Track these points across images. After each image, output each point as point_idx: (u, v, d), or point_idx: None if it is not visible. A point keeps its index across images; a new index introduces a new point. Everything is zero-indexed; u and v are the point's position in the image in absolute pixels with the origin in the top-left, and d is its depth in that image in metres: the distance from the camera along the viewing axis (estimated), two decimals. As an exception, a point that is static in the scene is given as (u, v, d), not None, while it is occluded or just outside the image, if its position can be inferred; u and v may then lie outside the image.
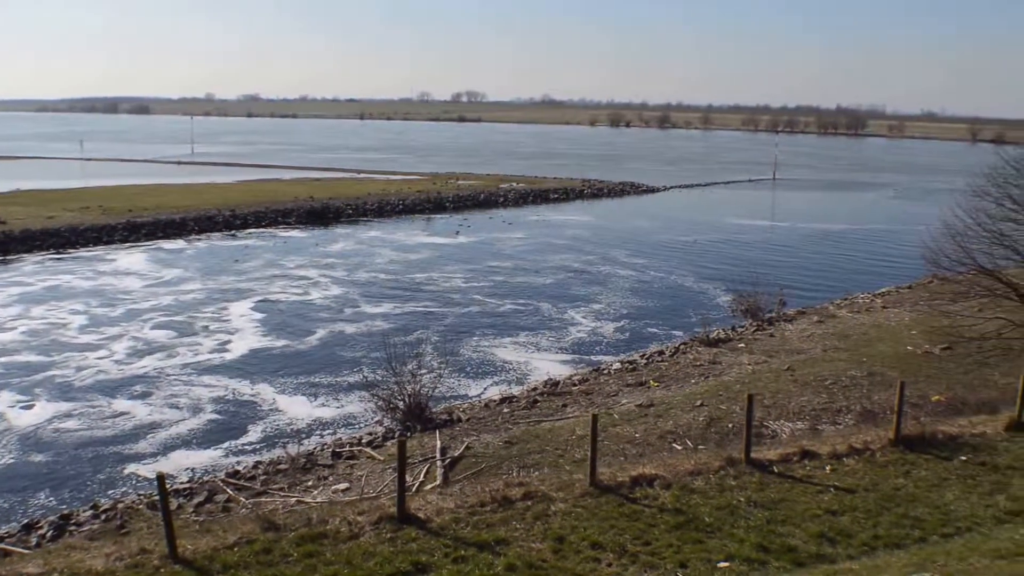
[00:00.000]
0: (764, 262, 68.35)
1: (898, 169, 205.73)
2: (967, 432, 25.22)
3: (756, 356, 40.71)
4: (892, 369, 36.96)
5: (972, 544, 17.82)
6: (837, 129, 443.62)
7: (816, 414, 31.31)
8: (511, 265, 66.88)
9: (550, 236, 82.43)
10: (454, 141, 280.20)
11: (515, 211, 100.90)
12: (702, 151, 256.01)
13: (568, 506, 19.34)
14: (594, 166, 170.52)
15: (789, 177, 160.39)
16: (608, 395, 35.18)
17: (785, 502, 20.01)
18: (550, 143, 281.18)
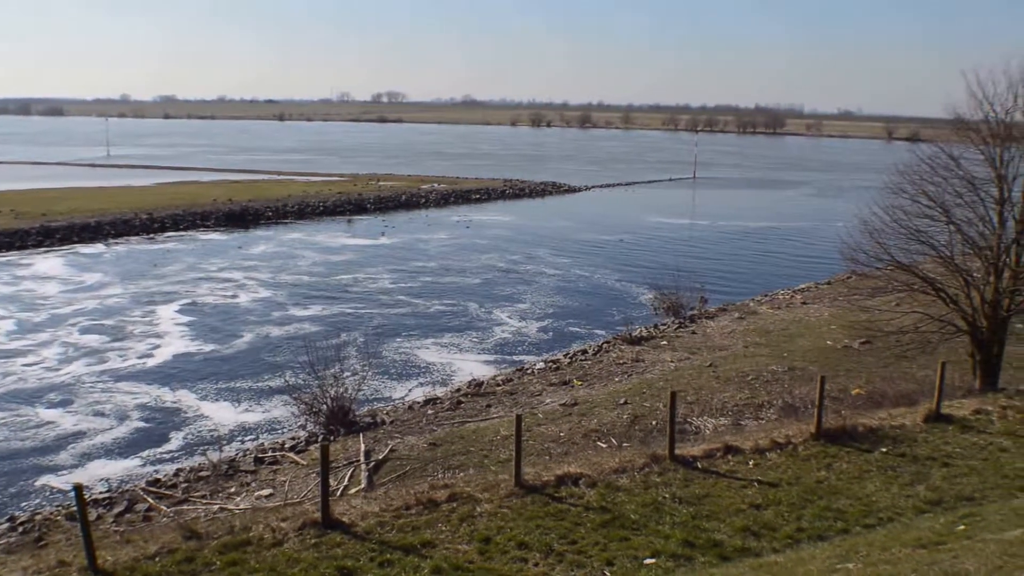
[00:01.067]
0: (686, 260, 68.84)
1: (816, 167, 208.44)
2: (887, 424, 25.59)
3: (679, 353, 41.04)
4: (812, 364, 37.48)
5: (894, 534, 18.06)
6: (756, 128, 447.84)
7: (739, 409, 31.62)
8: (436, 266, 66.78)
9: (473, 236, 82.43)
10: (381, 142, 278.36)
11: (437, 212, 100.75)
12: (626, 151, 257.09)
13: (494, 507, 19.29)
14: (516, 166, 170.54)
15: (709, 176, 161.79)
16: (532, 395, 35.23)
17: (710, 497, 20.15)
18: (475, 143, 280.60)
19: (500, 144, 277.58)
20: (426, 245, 77.11)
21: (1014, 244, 30.52)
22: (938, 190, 31.29)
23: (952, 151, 31.99)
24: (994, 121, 31.16)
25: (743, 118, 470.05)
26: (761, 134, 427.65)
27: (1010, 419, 26.42)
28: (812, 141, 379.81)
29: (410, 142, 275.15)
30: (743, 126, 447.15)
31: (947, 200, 31.13)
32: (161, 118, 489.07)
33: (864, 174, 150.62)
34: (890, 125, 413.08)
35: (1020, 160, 30.71)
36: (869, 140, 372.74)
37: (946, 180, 31.40)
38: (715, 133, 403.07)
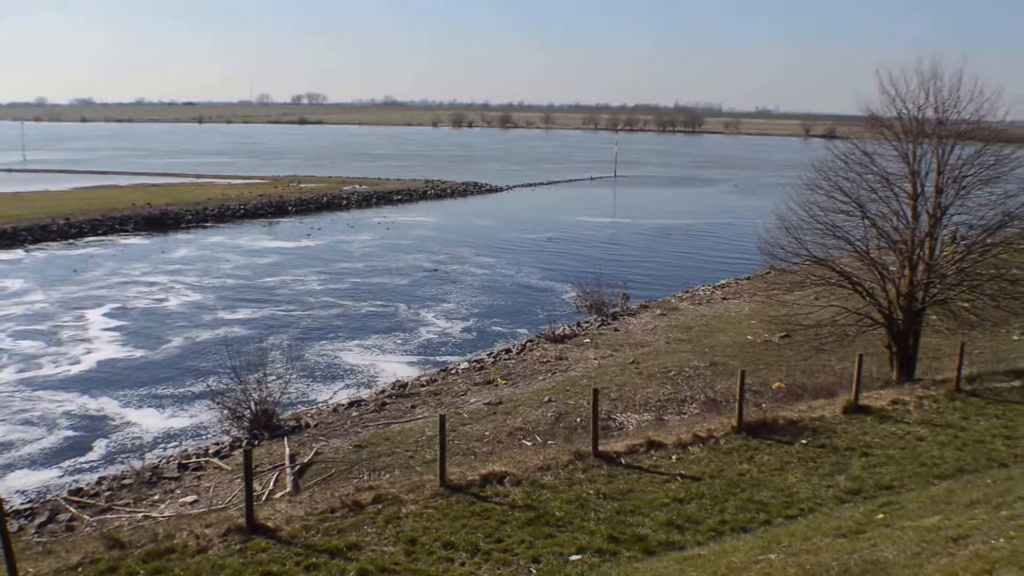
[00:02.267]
0: (608, 258, 69.15)
1: (735, 164, 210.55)
2: (807, 416, 26.01)
3: (602, 351, 41.26)
4: (733, 358, 37.93)
5: (815, 524, 18.34)
6: (675, 127, 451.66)
7: (662, 405, 31.89)
8: (360, 267, 66.42)
9: (397, 237, 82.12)
10: (304, 143, 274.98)
11: (359, 213, 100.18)
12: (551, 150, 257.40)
13: (419, 507, 19.28)
14: (439, 167, 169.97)
15: (630, 174, 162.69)
16: (457, 394, 35.21)
17: (633, 492, 20.32)
18: (401, 144, 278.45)
19: (429, 145, 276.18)
20: (350, 247, 76.62)
21: (927, 238, 31.15)
22: (853, 186, 31.83)
23: (866, 147, 32.58)
24: (907, 118, 31.78)
25: (662, 117, 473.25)
26: (680, 132, 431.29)
27: (926, 409, 27.00)
28: (731, 139, 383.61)
29: (338, 143, 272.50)
30: (663, 125, 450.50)
31: (862, 195, 31.70)
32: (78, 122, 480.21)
33: (782, 171, 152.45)
34: (807, 122, 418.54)
35: (932, 155, 31.33)
36: (786, 137, 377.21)
37: (861, 176, 31.96)
38: (635, 132, 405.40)
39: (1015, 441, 24.32)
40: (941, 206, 31.09)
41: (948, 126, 31.46)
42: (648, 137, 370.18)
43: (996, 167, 31.18)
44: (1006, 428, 25.35)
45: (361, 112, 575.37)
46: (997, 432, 25.02)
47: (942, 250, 31.92)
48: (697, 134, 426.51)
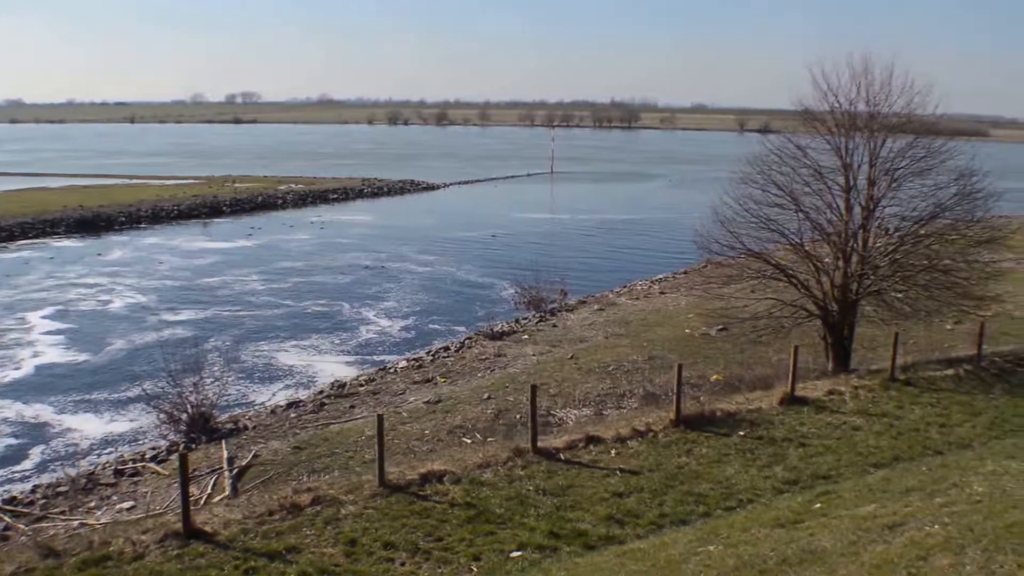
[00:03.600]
0: (546, 254, 69.17)
1: (671, 159, 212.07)
2: (744, 408, 26.20)
3: (540, 347, 41.33)
4: (672, 352, 38.12)
5: (753, 515, 18.50)
6: (612, 122, 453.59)
7: (601, 400, 31.98)
8: (297, 267, 65.92)
9: (335, 236, 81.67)
10: (241, 143, 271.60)
11: (295, 213, 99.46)
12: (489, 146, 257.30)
13: (359, 508, 19.15)
14: (377, 165, 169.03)
15: (567, 170, 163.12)
16: (396, 393, 35.08)
17: (573, 488, 20.35)
18: (343, 143, 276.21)
19: (373, 143, 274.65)
20: (288, 246, 76.07)
21: (861, 230, 31.51)
22: (787, 179, 32.12)
23: (800, 141, 32.88)
24: (839, 112, 32.12)
25: (599, 113, 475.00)
26: (617, 128, 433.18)
27: (862, 398, 27.30)
28: (667, 134, 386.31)
29: (281, 142, 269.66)
30: (599, 120, 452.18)
31: (796, 189, 31.99)
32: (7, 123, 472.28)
33: (717, 165, 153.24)
34: (742, 117, 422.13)
35: (864, 149, 31.68)
36: (722, 132, 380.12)
37: (795, 169, 32.26)
38: (572, 128, 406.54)
39: (949, 429, 24.67)
40: (874, 198, 31.45)
41: (880, 120, 31.83)
42: (584, 133, 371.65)
43: (927, 159, 31.59)
44: (940, 416, 25.70)
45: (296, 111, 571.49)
46: (932, 420, 25.37)
47: (875, 242, 32.28)
48: (633, 129, 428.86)
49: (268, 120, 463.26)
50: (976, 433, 24.34)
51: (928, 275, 30.92)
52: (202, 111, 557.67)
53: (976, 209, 31.37)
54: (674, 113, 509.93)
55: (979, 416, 25.71)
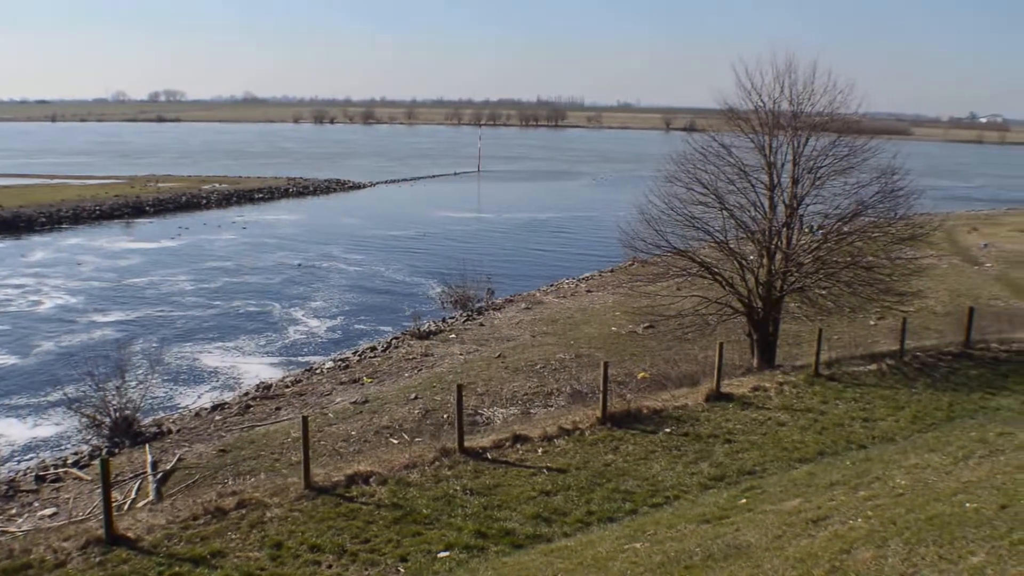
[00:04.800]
0: (474, 253, 68.96)
1: (597, 158, 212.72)
2: (670, 405, 26.33)
3: (468, 346, 41.28)
4: (599, 350, 38.27)
5: (680, 511, 18.58)
6: (538, 121, 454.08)
7: (528, 398, 32.03)
8: (224, 267, 65.05)
9: (262, 236, 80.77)
10: (176, 142, 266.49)
11: (220, 212, 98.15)
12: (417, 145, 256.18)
13: (284, 511, 18.96)
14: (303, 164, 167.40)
15: (494, 169, 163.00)
16: (322, 395, 34.84)
17: (500, 487, 20.31)
18: (272, 141, 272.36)
19: (302, 142, 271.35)
20: (213, 246, 75.03)
21: (784, 228, 31.81)
22: (712, 178, 32.37)
23: (724, 140, 33.14)
24: (763, 111, 32.42)
25: (526, 112, 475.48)
26: (544, 127, 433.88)
27: (786, 394, 27.55)
28: (593, 133, 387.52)
29: (204, 141, 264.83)
30: (526, 119, 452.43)
31: (721, 187, 32.25)
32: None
33: (643, 164, 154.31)
34: (668, 116, 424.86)
35: (788, 147, 32.01)
36: (648, 131, 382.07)
37: (719, 168, 32.52)
38: (498, 127, 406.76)
39: (873, 423, 24.98)
40: (797, 196, 31.79)
41: (803, 118, 32.19)
42: (511, 132, 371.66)
43: (849, 158, 32.00)
44: (864, 411, 26.02)
45: (221, 109, 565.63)
46: (855, 415, 25.68)
47: (799, 239, 32.63)
48: (560, 128, 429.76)
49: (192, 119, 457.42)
50: (899, 427, 24.67)
51: (851, 272, 31.31)
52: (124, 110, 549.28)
53: (898, 207, 31.84)
54: (600, 112, 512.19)
55: (902, 410, 26.07)
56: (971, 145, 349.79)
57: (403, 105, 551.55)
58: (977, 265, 63.01)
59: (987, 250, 69.58)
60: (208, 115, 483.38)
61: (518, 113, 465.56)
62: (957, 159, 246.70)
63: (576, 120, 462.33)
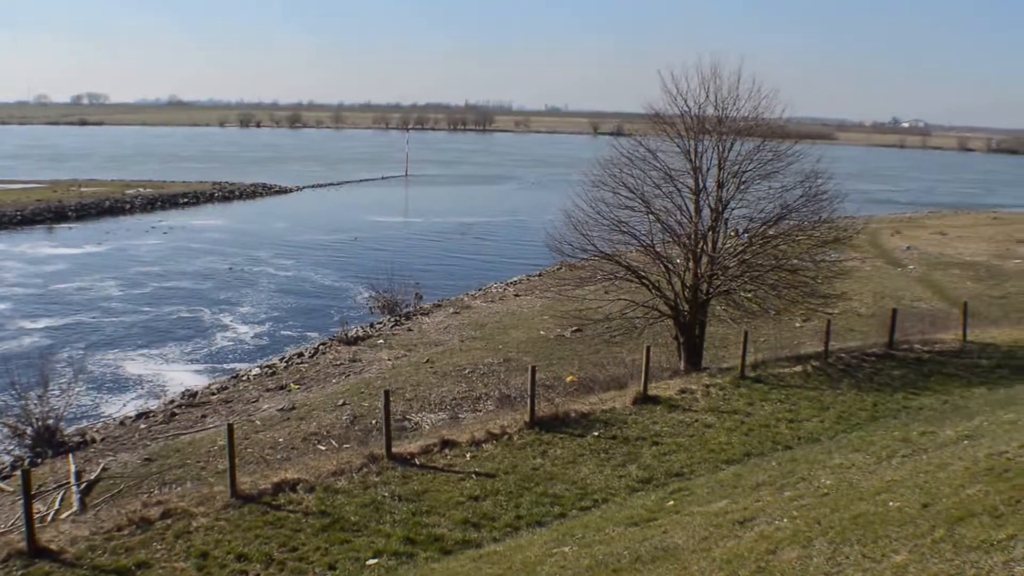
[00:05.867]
0: (402, 258, 68.88)
1: (525, 162, 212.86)
2: (598, 408, 26.41)
3: (396, 351, 41.14)
4: (527, 354, 38.33)
5: (608, 514, 18.63)
6: (466, 125, 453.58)
7: (457, 403, 32.02)
8: (150, 273, 63.92)
9: (189, 241, 79.72)
10: (106, 146, 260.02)
11: (145, 217, 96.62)
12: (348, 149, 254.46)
13: (210, 520, 18.74)
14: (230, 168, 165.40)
15: (422, 173, 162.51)
16: (249, 401, 34.52)
17: (429, 493, 20.25)
18: (203, 146, 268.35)
19: (235, 146, 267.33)
20: (138, 251, 73.79)
21: (710, 231, 32.08)
22: (638, 182, 32.57)
23: (650, 144, 33.31)
24: (688, 116, 32.66)
25: (454, 116, 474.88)
26: (472, 131, 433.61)
27: (713, 396, 27.76)
28: (521, 137, 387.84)
29: (129, 145, 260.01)
30: (454, 124, 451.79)
31: (647, 191, 32.45)
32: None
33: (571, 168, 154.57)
34: (595, 120, 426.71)
35: (713, 152, 32.29)
36: (576, 135, 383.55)
37: (645, 172, 32.71)
38: (426, 131, 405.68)
39: (798, 424, 25.26)
40: (722, 200, 32.08)
41: (728, 123, 32.49)
42: (439, 136, 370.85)
43: (773, 162, 32.37)
44: (789, 412, 26.31)
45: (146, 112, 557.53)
46: (781, 416, 25.95)
47: (724, 243, 32.92)
48: (488, 132, 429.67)
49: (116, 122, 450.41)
50: (824, 427, 24.97)
51: (776, 275, 31.66)
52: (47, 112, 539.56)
53: (822, 210, 32.28)
54: (528, 116, 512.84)
55: (827, 411, 26.40)
56: (894, 149, 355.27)
57: (330, 109, 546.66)
58: (900, 267, 64.07)
59: (910, 252, 70.77)
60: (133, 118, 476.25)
61: (446, 117, 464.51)
62: (882, 163, 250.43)
63: (504, 124, 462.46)
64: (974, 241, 78.25)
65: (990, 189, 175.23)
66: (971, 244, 76.18)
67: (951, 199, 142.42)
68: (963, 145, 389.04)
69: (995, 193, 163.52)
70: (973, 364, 31.64)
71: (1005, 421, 20.72)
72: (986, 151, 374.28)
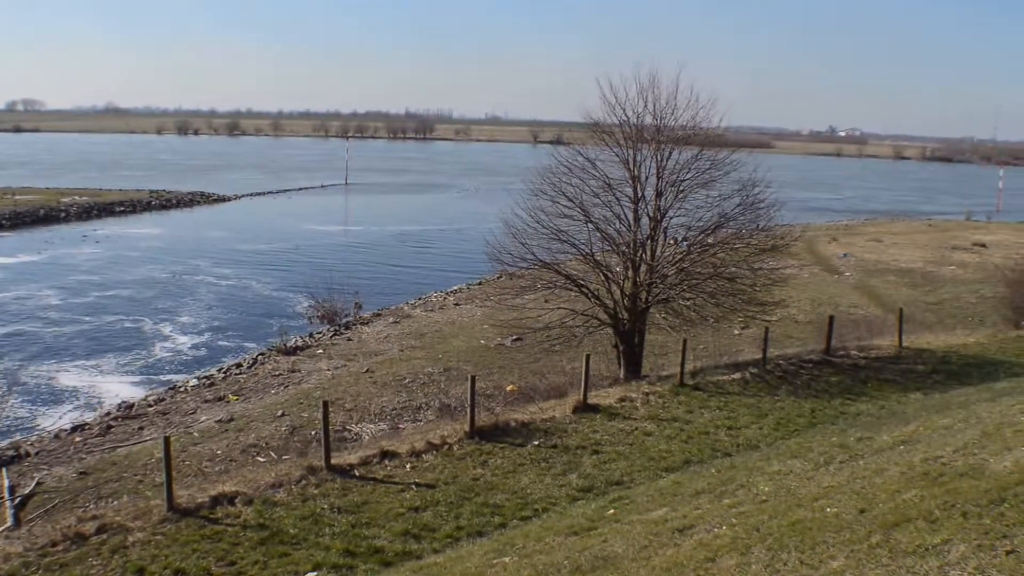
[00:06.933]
0: (342, 266, 68.43)
1: (465, 171, 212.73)
2: (539, 418, 26.39)
3: (335, 361, 40.95)
4: (467, 363, 38.29)
5: (548, 524, 18.61)
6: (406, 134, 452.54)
7: (397, 413, 31.93)
8: (85, 283, 62.85)
9: (127, 250, 78.62)
10: (44, 154, 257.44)
11: (81, 226, 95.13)
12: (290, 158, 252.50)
13: (146, 535, 18.49)
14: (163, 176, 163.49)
15: (362, 181, 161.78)
16: (187, 413, 34.19)
17: (368, 504, 20.13)
18: (148, 153, 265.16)
19: (182, 154, 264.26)
20: (75, 261, 72.60)
21: (649, 240, 32.25)
22: (577, 191, 32.67)
23: (589, 153, 33.45)
24: (627, 125, 32.83)
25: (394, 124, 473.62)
26: (412, 139, 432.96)
27: (652, 404, 27.85)
28: (461, 146, 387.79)
29: (67, 152, 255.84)
30: (394, 132, 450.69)
31: (586, 200, 32.55)
32: None
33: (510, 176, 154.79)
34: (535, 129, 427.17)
35: (652, 160, 32.47)
36: (516, 143, 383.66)
37: (584, 181, 32.83)
38: (366, 139, 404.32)
39: (737, 431, 25.43)
40: (661, 209, 32.27)
41: (666, 132, 32.69)
42: (380, 144, 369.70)
43: (711, 171, 32.65)
44: (728, 419, 26.47)
45: (82, 119, 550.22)
46: (720, 423, 26.11)
47: (663, 251, 33.10)
48: (428, 141, 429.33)
49: (52, 129, 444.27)
50: (763, 434, 25.16)
51: (714, 283, 31.89)
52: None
53: (759, 218, 32.60)
54: (469, 125, 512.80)
55: (765, 417, 26.60)
56: (831, 158, 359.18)
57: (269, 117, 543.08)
58: (837, 274, 64.81)
59: (846, 260, 71.58)
60: (69, 125, 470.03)
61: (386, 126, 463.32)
62: (821, 172, 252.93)
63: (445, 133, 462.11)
64: (909, 248, 79.33)
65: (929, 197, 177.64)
66: (907, 251, 77.22)
67: (888, 207, 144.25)
68: (898, 153, 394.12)
69: (934, 201, 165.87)
70: (909, 370, 32.07)
71: (940, 426, 20.98)
72: (921, 159, 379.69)
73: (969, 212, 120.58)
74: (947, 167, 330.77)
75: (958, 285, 60.55)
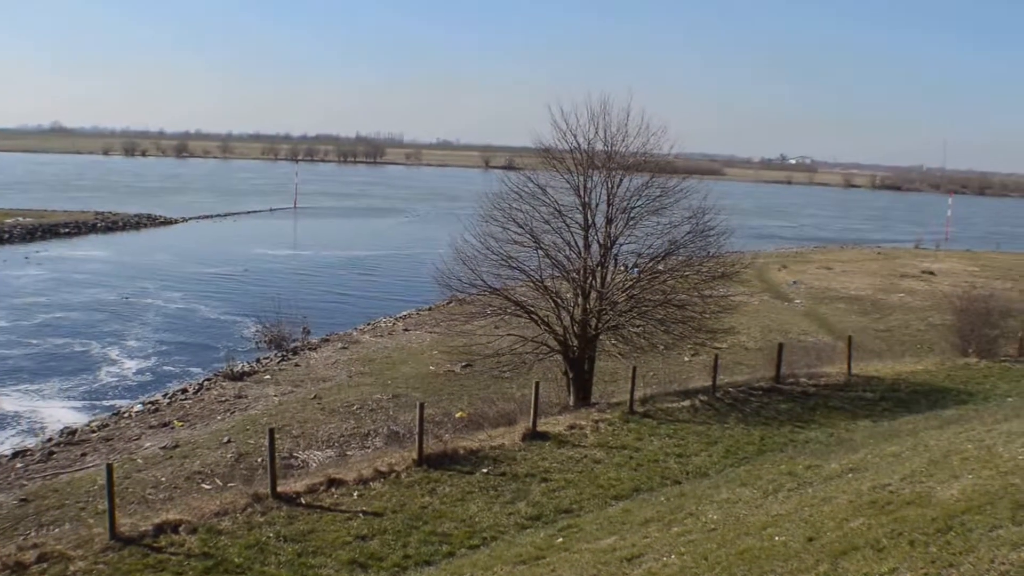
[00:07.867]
0: (290, 291, 67.76)
1: (416, 196, 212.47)
2: (487, 445, 26.28)
3: (283, 387, 40.58)
4: (416, 390, 38.07)
5: (497, 552, 18.51)
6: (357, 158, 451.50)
7: (345, 440, 31.64)
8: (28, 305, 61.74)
9: (72, 272, 77.45)
10: None
11: (24, 247, 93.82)
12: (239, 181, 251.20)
13: (88, 564, 18.18)
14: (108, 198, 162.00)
15: (311, 205, 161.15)
16: (131, 439, 33.69)
17: (315, 533, 19.93)
18: (101, 174, 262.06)
19: (133, 176, 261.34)
20: (19, 283, 71.45)
21: (599, 267, 32.26)
22: (527, 217, 32.65)
23: (540, 180, 33.45)
24: (578, 151, 32.88)
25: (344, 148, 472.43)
26: (362, 163, 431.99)
27: (602, 432, 27.81)
28: (412, 170, 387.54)
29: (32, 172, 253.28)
30: (344, 156, 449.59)
31: (536, 227, 32.54)
32: None
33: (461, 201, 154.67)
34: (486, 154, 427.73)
35: (603, 187, 32.54)
36: (467, 169, 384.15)
37: (534, 207, 32.82)
38: (316, 163, 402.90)
39: (687, 459, 25.44)
40: (611, 236, 32.31)
41: (617, 159, 32.78)
42: (329, 168, 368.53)
43: (662, 198, 32.80)
44: (678, 447, 26.48)
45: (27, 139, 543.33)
46: (670, 451, 26.11)
47: (613, 278, 33.13)
48: (379, 165, 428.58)
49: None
50: (712, 462, 25.19)
51: (664, 310, 31.99)
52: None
53: (709, 246, 32.75)
54: (420, 149, 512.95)
55: (715, 445, 26.64)
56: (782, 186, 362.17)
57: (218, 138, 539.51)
58: (787, 301, 65.26)
59: (796, 287, 72.12)
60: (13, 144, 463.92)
61: (336, 149, 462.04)
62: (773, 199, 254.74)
63: (395, 157, 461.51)
64: (859, 275, 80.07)
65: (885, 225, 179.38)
66: (856, 278, 77.94)
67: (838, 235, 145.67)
68: (848, 181, 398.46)
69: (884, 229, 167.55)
70: (857, 397, 32.29)
71: (888, 454, 21.11)
72: (871, 187, 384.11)
73: (918, 240, 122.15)
74: (896, 195, 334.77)
75: (907, 313, 61.16)
